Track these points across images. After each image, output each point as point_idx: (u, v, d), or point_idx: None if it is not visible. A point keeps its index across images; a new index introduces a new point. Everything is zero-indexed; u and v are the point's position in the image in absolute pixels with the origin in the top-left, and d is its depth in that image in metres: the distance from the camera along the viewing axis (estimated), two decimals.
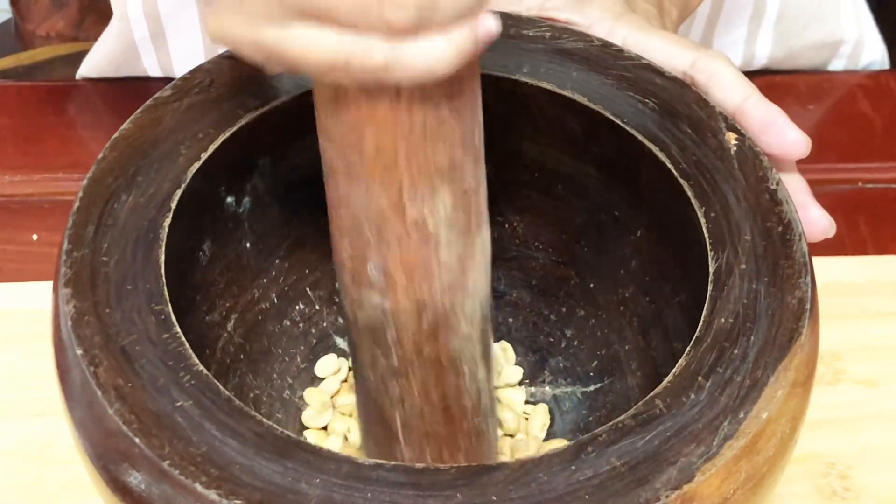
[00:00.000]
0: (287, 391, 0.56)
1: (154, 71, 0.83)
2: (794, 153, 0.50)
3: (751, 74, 0.56)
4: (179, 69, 0.83)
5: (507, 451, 0.56)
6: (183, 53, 0.82)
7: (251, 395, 0.54)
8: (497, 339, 0.59)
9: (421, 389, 0.47)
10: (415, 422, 0.48)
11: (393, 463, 0.39)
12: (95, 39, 0.84)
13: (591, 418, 0.56)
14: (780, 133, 0.50)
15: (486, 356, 0.48)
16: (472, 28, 0.38)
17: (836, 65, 0.87)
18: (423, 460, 0.49)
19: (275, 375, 0.56)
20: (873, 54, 0.88)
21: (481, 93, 0.51)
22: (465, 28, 0.37)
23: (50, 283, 0.45)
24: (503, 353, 0.59)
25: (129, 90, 0.81)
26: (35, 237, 0.72)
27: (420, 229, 0.42)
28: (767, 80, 0.83)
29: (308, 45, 0.37)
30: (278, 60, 0.39)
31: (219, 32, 0.40)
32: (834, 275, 0.70)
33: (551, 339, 0.58)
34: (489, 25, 0.38)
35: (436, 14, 0.36)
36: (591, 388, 0.56)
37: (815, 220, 0.50)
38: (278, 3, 0.37)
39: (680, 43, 0.54)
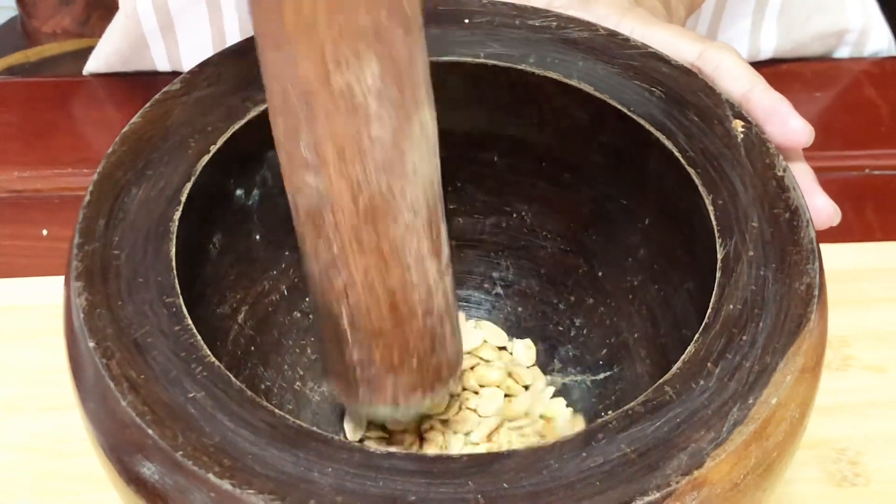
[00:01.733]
0: (298, 382, 0.56)
1: (162, 63, 0.83)
2: (797, 141, 0.51)
3: (757, 65, 0.56)
4: (188, 62, 0.83)
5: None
6: (191, 46, 0.82)
7: (262, 386, 0.54)
8: (507, 329, 0.60)
9: (364, 281, 0.45)
10: (361, 319, 0.46)
11: (405, 451, 0.39)
12: (101, 35, 0.84)
13: (600, 406, 0.56)
14: (783, 121, 0.50)
15: (438, 252, 0.46)
16: None
17: (842, 53, 0.87)
18: (373, 362, 0.48)
19: (286, 367, 0.56)
20: (879, 42, 0.88)
21: (490, 83, 0.52)
22: None
23: (60, 278, 0.45)
24: (527, 350, 0.59)
25: (136, 85, 0.82)
26: (45, 232, 0.72)
27: (347, 99, 0.41)
28: (773, 68, 0.83)
29: None
30: None
31: None
32: (841, 261, 0.70)
33: (560, 328, 0.58)
34: None
35: None
36: (601, 376, 0.56)
37: (820, 208, 0.50)
38: None
39: (686, 35, 0.54)
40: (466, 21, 0.53)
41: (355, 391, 0.49)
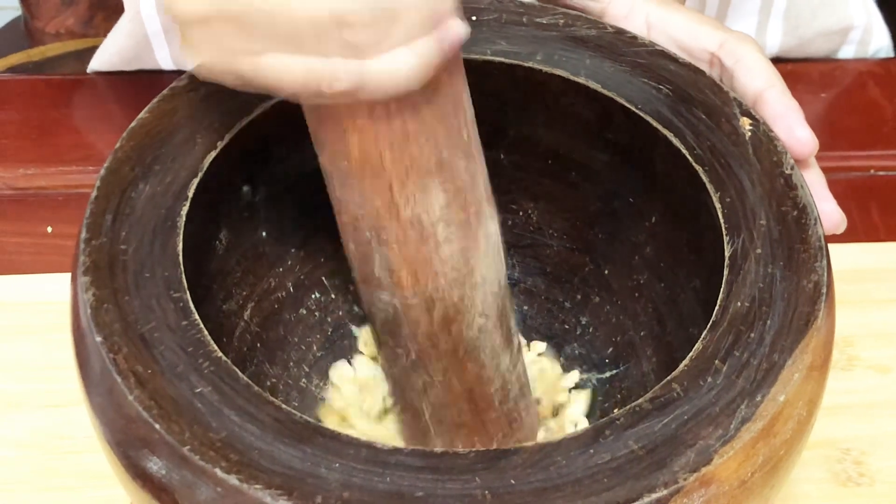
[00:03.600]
0: (303, 379, 0.56)
1: (167, 65, 0.83)
2: (798, 150, 0.51)
3: None
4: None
5: None
6: None
7: (268, 383, 0.54)
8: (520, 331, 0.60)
9: (442, 381, 0.47)
10: (442, 412, 0.49)
11: (412, 447, 0.39)
12: (105, 36, 0.84)
13: (606, 405, 0.56)
14: (789, 128, 0.51)
15: (509, 344, 0.48)
16: (437, 36, 0.38)
17: (847, 51, 0.87)
18: (453, 446, 0.49)
19: (291, 364, 0.56)
20: (881, 40, 0.88)
21: (497, 80, 0.52)
22: (429, 39, 0.38)
23: (64, 275, 0.45)
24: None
25: (141, 83, 0.82)
26: (49, 229, 0.72)
27: (416, 228, 0.43)
28: (779, 68, 0.82)
29: (280, 71, 0.38)
30: (258, 87, 0.39)
31: (199, 67, 0.41)
32: (846, 261, 0.70)
33: (566, 326, 0.58)
34: (456, 31, 0.38)
35: (396, 29, 0.37)
36: (607, 374, 0.56)
37: (827, 214, 0.50)
38: (249, 34, 0.38)
39: (706, 22, 0.54)
40: (474, 18, 0.53)
41: None
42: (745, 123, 0.49)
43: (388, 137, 0.41)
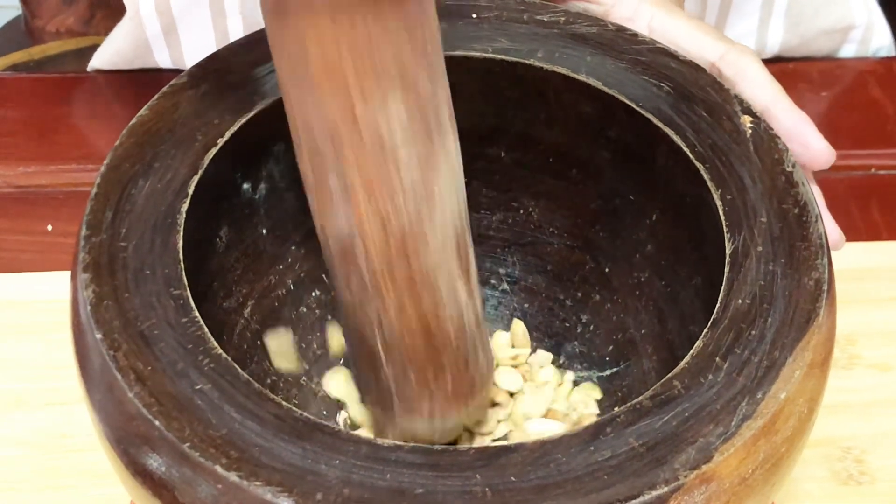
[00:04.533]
0: (303, 377, 0.56)
1: (166, 66, 0.83)
2: (818, 162, 0.51)
3: (763, 62, 0.56)
4: (191, 64, 0.82)
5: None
6: (195, 49, 0.82)
7: (268, 381, 0.54)
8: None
9: (397, 310, 0.46)
10: (395, 345, 0.47)
11: (412, 444, 0.39)
12: (105, 35, 0.84)
13: (607, 403, 0.56)
14: (806, 142, 0.51)
15: (467, 275, 0.47)
16: None
17: (848, 50, 0.87)
18: (408, 384, 0.48)
19: None
20: (882, 39, 0.88)
21: (497, 78, 0.52)
22: None
23: (65, 273, 0.45)
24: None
25: (141, 81, 0.82)
26: (49, 228, 0.72)
27: (375, 138, 0.42)
28: (780, 67, 0.83)
29: None
30: None
31: None
32: (847, 260, 0.69)
33: (567, 324, 0.58)
34: None
35: None
36: (608, 372, 0.56)
37: (828, 232, 0.50)
38: None
39: (708, 32, 0.54)
40: (475, 16, 0.53)
41: (392, 411, 0.50)
42: (746, 121, 0.49)
43: (349, 41, 0.40)
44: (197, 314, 0.42)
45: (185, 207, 0.45)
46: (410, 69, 0.41)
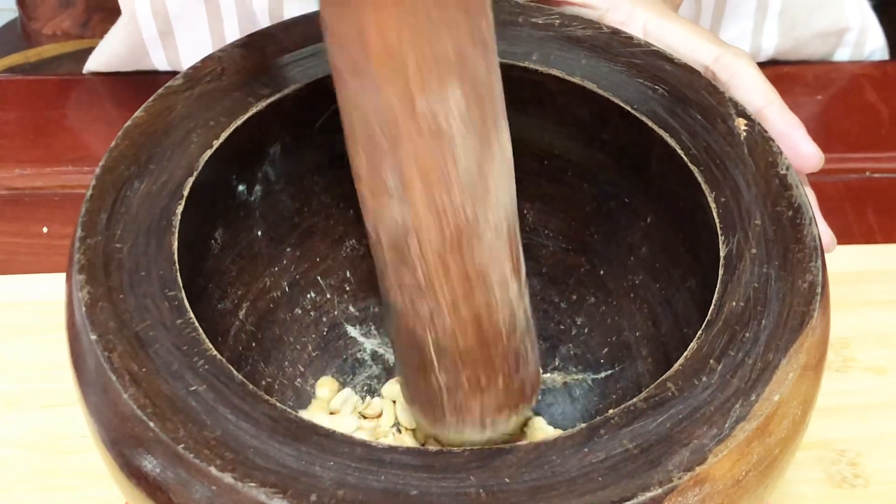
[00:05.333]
0: (299, 379, 0.56)
1: (163, 67, 0.83)
2: (806, 166, 0.51)
3: (759, 66, 0.56)
4: (188, 66, 0.83)
5: None
6: (191, 51, 0.82)
7: (263, 383, 0.54)
8: None
9: (451, 307, 0.45)
10: (447, 343, 0.46)
11: (406, 446, 0.39)
12: (101, 38, 0.84)
13: (601, 405, 0.56)
14: (794, 145, 0.51)
15: (518, 272, 0.47)
16: None
17: (843, 53, 0.88)
18: (460, 385, 0.48)
19: (286, 363, 0.56)
20: (876, 41, 0.88)
21: None
22: None
23: (60, 275, 0.45)
24: None
25: (137, 83, 0.82)
26: (45, 230, 0.72)
27: (432, 126, 0.41)
28: (775, 70, 0.83)
29: None
30: None
31: None
32: (842, 263, 0.70)
33: (562, 327, 0.58)
34: None
35: None
36: (602, 375, 0.56)
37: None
38: None
39: (703, 35, 0.54)
40: None
41: (442, 417, 0.49)
42: (741, 124, 0.49)
43: (410, 27, 0.39)
44: (192, 316, 0.42)
45: (180, 209, 0.45)
46: (470, 58, 0.41)
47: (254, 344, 0.54)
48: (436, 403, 0.49)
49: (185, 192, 0.46)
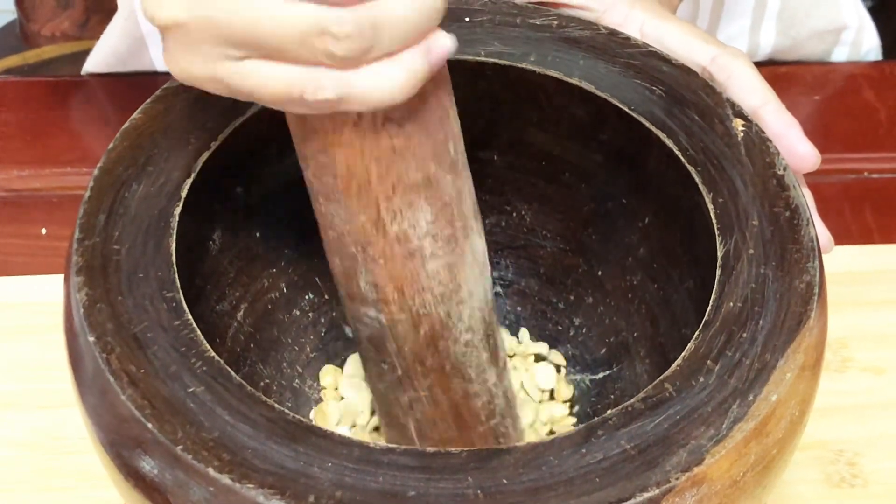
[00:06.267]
0: (297, 380, 0.56)
1: (161, 63, 0.83)
2: (802, 166, 0.51)
3: (756, 65, 0.56)
4: None
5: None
6: None
7: (261, 384, 0.54)
8: (507, 328, 0.59)
9: (429, 398, 0.47)
10: (428, 429, 0.48)
11: (404, 447, 0.39)
12: (100, 39, 0.84)
13: (600, 406, 0.56)
14: (791, 145, 0.51)
15: (495, 359, 0.48)
16: (423, 49, 0.38)
17: (840, 52, 0.88)
18: None
19: (285, 364, 0.56)
20: (872, 40, 0.88)
21: (490, 81, 0.52)
22: (415, 51, 0.37)
23: (58, 277, 0.45)
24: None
25: (135, 84, 0.82)
26: (44, 231, 0.72)
27: (403, 244, 0.43)
28: (772, 70, 0.83)
29: (261, 79, 0.38)
30: (237, 94, 0.39)
31: (179, 72, 0.40)
32: (840, 263, 0.70)
33: (560, 327, 0.58)
34: (442, 44, 0.38)
35: (380, 41, 0.36)
36: (600, 375, 0.56)
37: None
38: (229, 41, 0.37)
39: (699, 35, 0.54)
40: (467, 19, 0.53)
41: None
42: (738, 124, 0.49)
43: (373, 152, 0.41)
44: (190, 317, 0.42)
45: (178, 211, 0.45)
46: (438, 180, 0.42)
47: (252, 345, 0.54)
48: None
49: (184, 194, 0.46)
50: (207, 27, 0.37)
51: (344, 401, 0.57)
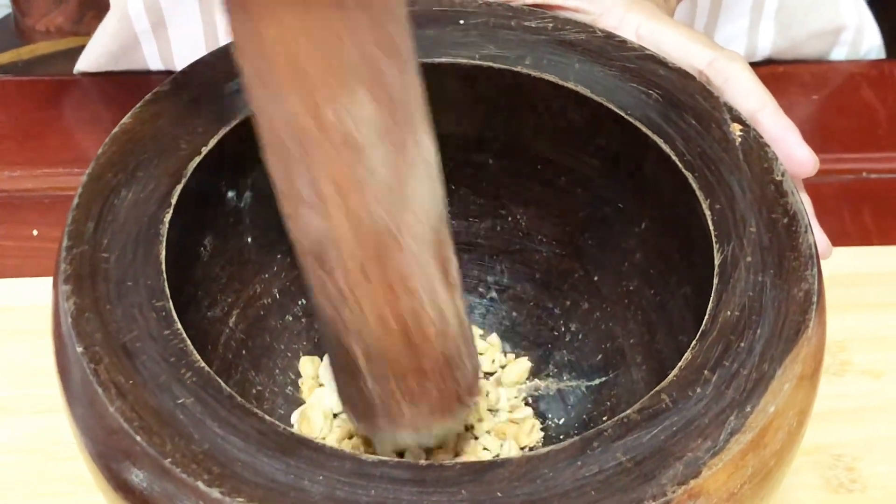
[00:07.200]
0: (290, 387, 0.55)
1: (154, 61, 0.83)
2: (800, 171, 0.51)
3: (754, 65, 0.55)
4: (180, 60, 0.82)
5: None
6: (184, 43, 0.82)
7: (253, 391, 0.53)
8: (502, 333, 0.59)
9: (374, 315, 0.45)
10: (375, 351, 0.46)
11: (396, 460, 0.39)
12: (95, 33, 0.84)
13: (595, 412, 0.55)
14: (789, 149, 0.50)
15: (446, 276, 0.46)
16: None
17: (839, 52, 0.87)
18: (389, 392, 0.47)
19: (277, 371, 0.55)
20: (872, 40, 0.88)
21: (485, 85, 0.51)
22: None
23: (51, 279, 0.45)
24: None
25: (128, 84, 0.81)
26: (35, 233, 0.71)
27: (342, 135, 0.40)
28: (771, 70, 0.82)
29: None
30: None
31: None
32: (838, 265, 0.69)
33: (555, 333, 0.57)
34: None
35: None
36: (596, 381, 0.56)
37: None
38: None
39: (696, 38, 0.54)
40: (462, 22, 0.52)
41: (375, 421, 0.49)
42: (736, 129, 0.48)
43: (312, 38, 0.38)
44: (179, 326, 0.42)
45: (167, 217, 0.45)
46: (378, 65, 0.40)
47: (244, 351, 0.53)
48: (368, 408, 0.48)
49: (174, 200, 0.45)
50: None
51: (325, 401, 0.56)
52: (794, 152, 0.50)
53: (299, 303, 0.56)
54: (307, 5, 0.38)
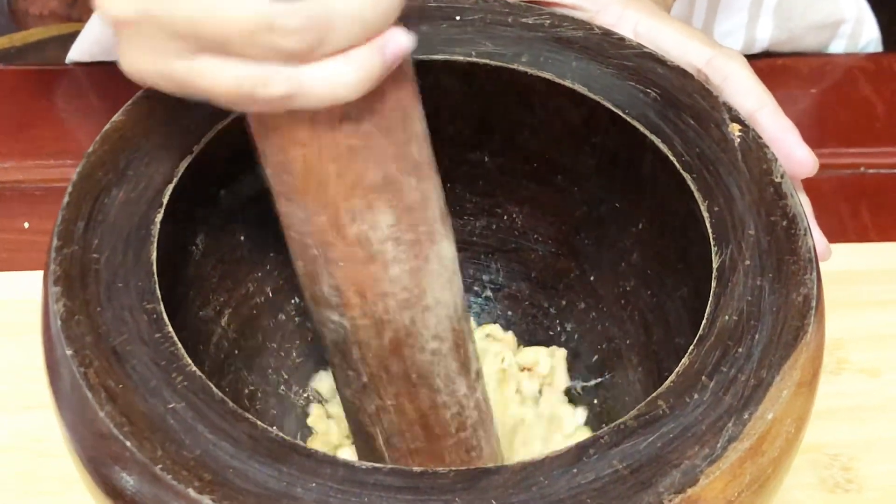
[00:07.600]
0: (282, 386, 0.55)
1: None
2: (799, 172, 0.50)
3: (752, 58, 0.55)
4: None
5: None
6: None
7: (246, 391, 0.53)
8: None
9: (395, 406, 0.46)
10: (396, 438, 0.47)
11: (390, 466, 0.38)
12: (88, 19, 0.83)
13: (591, 414, 0.55)
14: (788, 150, 0.50)
15: (465, 370, 0.47)
16: (377, 47, 0.37)
17: (838, 45, 0.87)
18: (406, 464, 0.48)
19: (270, 371, 0.55)
20: (871, 33, 0.87)
21: (482, 83, 0.51)
22: (368, 48, 0.36)
23: (41, 272, 0.44)
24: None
25: (121, 75, 0.80)
26: (26, 225, 0.71)
27: (363, 246, 0.42)
28: (769, 63, 0.82)
29: (212, 76, 0.37)
30: (189, 91, 0.38)
31: (132, 69, 0.39)
32: (836, 262, 0.68)
33: (551, 333, 0.57)
34: (398, 42, 0.37)
35: (330, 36, 0.35)
36: (592, 382, 0.55)
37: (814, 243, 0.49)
38: (178, 38, 0.36)
39: (695, 36, 0.53)
40: (458, 18, 0.52)
41: None
42: (735, 129, 0.48)
43: (331, 151, 0.39)
44: (170, 329, 0.41)
45: (159, 217, 0.44)
46: (395, 176, 0.41)
47: (236, 351, 0.53)
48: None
49: (165, 199, 0.45)
50: (156, 23, 0.37)
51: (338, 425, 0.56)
52: (793, 153, 0.50)
53: (292, 301, 0.55)
54: (330, 127, 0.39)
